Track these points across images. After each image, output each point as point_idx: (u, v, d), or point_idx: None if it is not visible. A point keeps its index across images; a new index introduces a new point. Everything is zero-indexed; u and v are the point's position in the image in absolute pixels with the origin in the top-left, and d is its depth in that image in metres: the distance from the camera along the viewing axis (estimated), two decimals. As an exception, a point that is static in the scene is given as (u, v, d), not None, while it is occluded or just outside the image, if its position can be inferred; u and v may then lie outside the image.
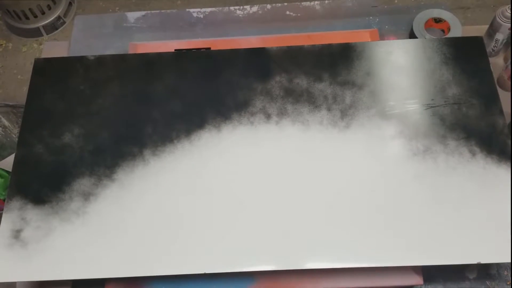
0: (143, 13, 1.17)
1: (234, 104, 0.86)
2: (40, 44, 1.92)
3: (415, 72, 0.88)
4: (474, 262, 0.72)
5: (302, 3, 1.15)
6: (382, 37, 1.08)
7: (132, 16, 1.17)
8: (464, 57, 0.89)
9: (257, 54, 0.92)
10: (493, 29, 1.00)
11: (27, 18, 1.89)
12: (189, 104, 0.87)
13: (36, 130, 0.86)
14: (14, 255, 0.76)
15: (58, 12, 1.93)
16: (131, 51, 1.04)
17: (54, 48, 1.15)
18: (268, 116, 0.85)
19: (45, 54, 1.12)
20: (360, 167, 0.80)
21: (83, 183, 0.81)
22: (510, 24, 0.97)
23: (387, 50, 0.91)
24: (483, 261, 0.72)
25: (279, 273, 0.83)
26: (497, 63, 1.05)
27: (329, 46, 0.92)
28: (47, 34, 1.94)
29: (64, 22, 1.96)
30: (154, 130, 0.85)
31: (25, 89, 0.90)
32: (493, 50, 1.03)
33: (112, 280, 0.85)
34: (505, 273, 0.86)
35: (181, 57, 0.93)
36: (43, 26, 1.92)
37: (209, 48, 1.02)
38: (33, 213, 0.79)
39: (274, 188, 0.79)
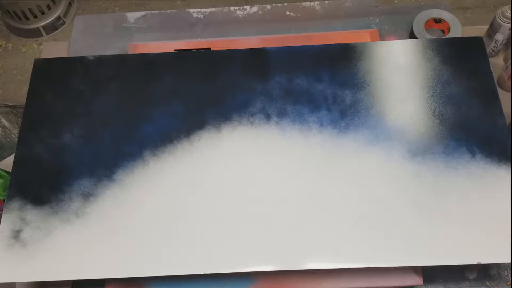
0: (143, 13, 1.17)
1: (234, 104, 0.86)
2: (40, 44, 1.92)
3: (415, 72, 0.88)
4: (474, 262, 0.72)
5: (302, 4, 1.15)
6: (382, 37, 1.08)
7: (132, 16, 1.17)
8: (464, 57, 0.89)
9: (257, 55, 0.92)
10: (493, 29, 1.00)
11: (27, 18, 1.89)
12: (189, 105, 0.87)
13: (36, 131, 0.86)
14: (14, 256, 0.76)
15: (58, 12, 1.93)
16: (131, 51, 1.04)
17: (54, 48, 1.15)
18: (268, 117, 0.85)
19: (45, 55, 1.12)
20: (360, 167, 0.80)
21: (83, 184, 0.81)
22: (510, 25, 0.97)
23: (387, 50, 0.91)
24: (483, 262, 0.72)
25: (279, 274, 0.83)
26: (497, 63, 1.05)
27: (329, 46, 0.92)
28: (47, 35, 1.94)
29: (64, 22, 1.96)
30: (154, 130, 0.85)
31: (25, 89, 0.90)
32: (493, 50, 1.03)
33: (112, 281, 0.85)
34: (505, 273, 0.86)
35: (181, 58, 0.93)
36: (43, 27, 1.92)
37: (209, 49, 1.02)
38: (33, 214, 0.79)
39: (273, 188, 0.79)
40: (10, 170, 0.84)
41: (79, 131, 0.86)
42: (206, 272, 0.73)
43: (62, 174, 0.82)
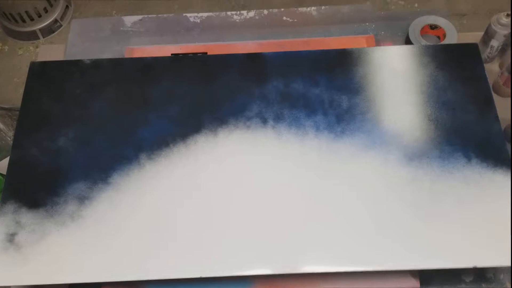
0: (140, 17, 1.17)
1: (230, 108, 0.87)
2: (37, 47, 1.91)
3: (411, 78, 0.88)
4: (470, 266, 0.72)
5: (299, 9, 1.15)
6: (378, 43, 1.09)
7: (129, 20, 1.17)
8: (460, 63, 0.89)
9: (254, 59, 0.92)
10: (488, 35, 1.01)
11: (24, 21, 1.89)
12: (185, 108, 0.87)
13: (31, 133, 0.86)
14: (9, 259, 0.75)
15: (55, 15, 1.93)
16: (127, 55, 1.04)
17: (51, 51, 1.15)
18: (264, 121, 0.85)
19: (41, 57, 1.12)
20: (356, 171, 0.80)
21: (78, 187, 0.80)
22: (505, 31, 0.98)
23: (383, 56, 0.91)
24: (479, 265, 0.72)
25: (276, 276, 0.83)
26: (492, 69, 1.05)
27: (326, 51, 0.92)
28: (43, 37, 1.94)
29: (61, 25, 1.96)
30: (150, 134, 0.85)
31: (21, 92, 0.90)
32: (488, 56, 1.04)
33: (108, 284, 0.84)
34: (501, 276, 0.86)
35: (178, 62, 0.93)
36: (40, 29, 1.92)
37: (206, 53, 1.02)
38: (27, 217, 0.78)
39: (270, 192, 0.79)
40: (5, 173, 0.83)
41: (75, 134, 0.86)
42: (203, 276, 0.73)
43: (57, 177, 0.81)
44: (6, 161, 0.92)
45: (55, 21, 1.94)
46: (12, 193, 0.80)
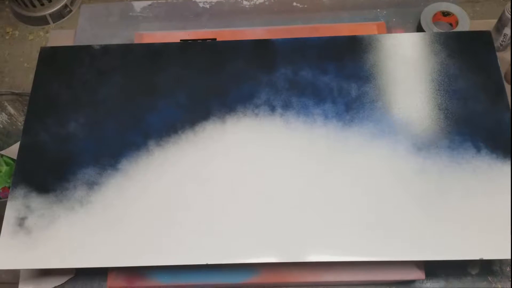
0: (149, 2, 1.16)
1: (238, 95, 0.86)
2: (47, 32, 1.92)
3: (422, 65, 0.87)
4: (477, 258, 0.72)
5: (309, -5, 1.14)
6: (389, 30, 1.07)
7: (138, 5, 1.16)
8: (472, 51, 0.88)
9: (263, 46, 0.91)
10: (501, 23, 0.99)
11: (34, 6, 1.89)
12: (194, 95, 0.87)
13: (41, 119, 0.86)
14: (19, 243, 0.76)
15: (65, 0, 1.93)
16: (136, 41, 1.04)
17: (60, 36, 1.15)
18: (272, 108, 0.85)
19: (51, 43, 1.12)
20: (364, 160, 0.79)
21: (87, 172, 0.81)
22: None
23: (394, 43, 0.90)
24: (485, 257, 0.72)
25: (281, 266, 0.83)
26: (505, 58, 1.04)
27: (336, 38, 0.91)
28: (53, 23, 1.94)
29: (71, 11, 1.96)
30: (159, 121, 0.85)
31: (32, 77, 0.90)
32: (501, 44, 1.02)
33: (114, 269, 0.86)
34: (508, 269, 0.86)
35: (187, 48, 0.93)
36: (50, 14, 1.92)
37: (215, 39, 1.02)
38: (37, 201, 0.79)
39: (277, 180, 0.79)
40: (16, 158, 0.84)
41: (84, 120, 0.86)
42: (208, 263, 0.74)
43: (66, 162, 0.82)
44: (16, 146, 0.93)
45: (65, 6, 1.94)
46: (22, 178, 0.81)
